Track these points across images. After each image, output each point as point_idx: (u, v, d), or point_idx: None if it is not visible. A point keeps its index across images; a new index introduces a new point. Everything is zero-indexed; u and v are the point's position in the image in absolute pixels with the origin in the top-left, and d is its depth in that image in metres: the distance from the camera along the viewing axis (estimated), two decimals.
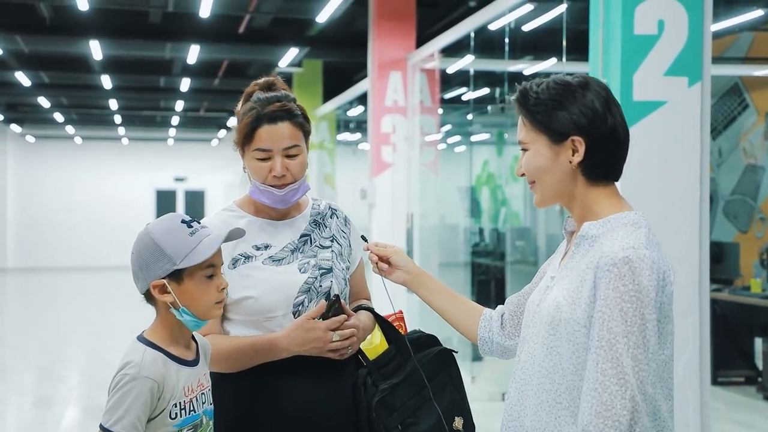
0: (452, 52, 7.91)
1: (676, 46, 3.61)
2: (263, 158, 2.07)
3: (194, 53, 10.56)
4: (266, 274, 2.07)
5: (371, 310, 2.20)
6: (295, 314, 2.06)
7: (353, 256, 2.24)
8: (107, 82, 13.37)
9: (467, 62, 8.22)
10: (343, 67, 12.36)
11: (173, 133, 21.13)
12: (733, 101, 9.39)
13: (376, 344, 2.14)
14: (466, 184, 10.58)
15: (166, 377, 1.74)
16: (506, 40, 7.26)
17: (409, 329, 2.28)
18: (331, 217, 2.23)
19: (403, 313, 2.26)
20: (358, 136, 14.59)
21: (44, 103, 15.79)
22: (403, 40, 8.11)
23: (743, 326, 7.36)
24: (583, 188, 1.68)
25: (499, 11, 6.23)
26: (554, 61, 8.72)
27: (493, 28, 7.34)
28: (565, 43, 5.36)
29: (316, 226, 2.19)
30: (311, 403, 2.03)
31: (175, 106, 16.65)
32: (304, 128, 2.11)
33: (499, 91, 9.74)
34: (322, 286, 2.10)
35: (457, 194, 10.61)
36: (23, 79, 12.86)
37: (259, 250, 2.10)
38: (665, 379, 1.57)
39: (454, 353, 2.16)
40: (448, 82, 10.05)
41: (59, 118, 18.54)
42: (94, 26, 9.61)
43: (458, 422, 2.08)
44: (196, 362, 1.86)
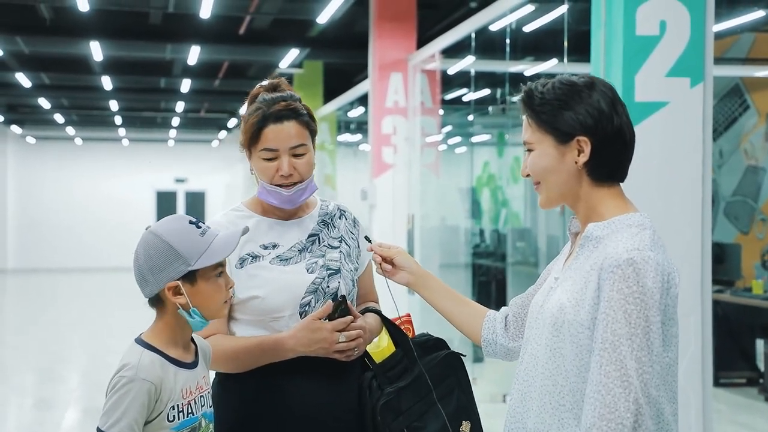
0: (453, 53, 7.90)
1: (678, 46, 3.59)
2: (270, 158, 2.05)
3: (195, 54, 10.55)
4: (273, 273, 2.06)
5: (378, 312, 2.18)
6: (301, 315, 2.05)
7: (362, 258, 2.22)
8: (108, 83, 13.37)
9: (468, 63, 8.21)
10: (343, 68, 12.36)
11: (174, 134, 21.13)
12: (733, 102, 9.38)
13: (383, 347, 2.12)
14: (466, 185, 10.59)
15: (163, 379, 1.73)
16: (507, 41, 7.25)
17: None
18: (339, 217, 2.22)
19: (410, 316, 2.24)
20: (358, 137, 14.59)
21: (45, 104, 15.78)
22: (403, 41, 8.10)
23: (745, 327, 7.34)
24: (588, 189, 1.67)
25: (500, 12, 6.21)
26: (555, 62, 8.72)
27: (494, 28, 7.34)
28: (566, 43, 5.36)
29: (324, 226, 2.18)
30: (317, 404, 2.02)
31: (175, 107, 16.64)
32: (310, 127, 2.10)
33: (500, 92, 9.74)
34: (329, 286, 2.09)
35: (457, 195, 10.60)
36: (23, 80, 12.85)
37: (266, 249, 2.09)
38: (669, 381, 1.55)
39: (462, 357, 2.15)
40: (448, 83, 10.05)
41: (60, 119, 18.53)
42: (94, 27, 9.60)
43: (465, 426, 2.06)
44: (194, 364, 1.85)
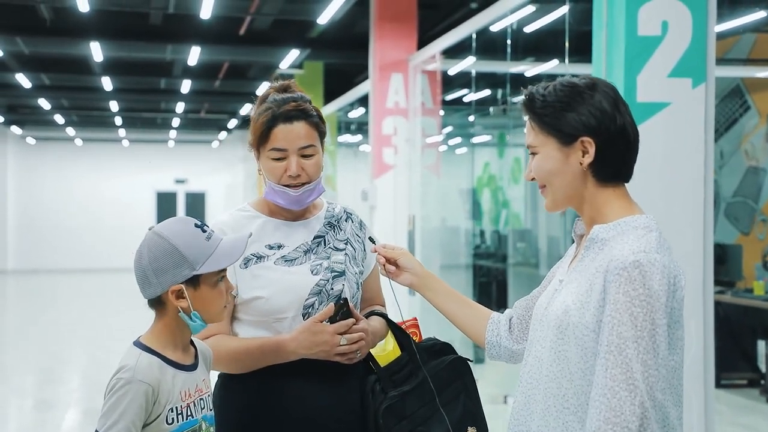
0: (454, 53, 7.90)
1: (680, 47, 3.58)
2: (279, 158, 2.05)
3: (195, 55, 10.54)
4: (278, 274, 2.05)
5: (384, 316, 2.17)
6: (305, 316, 2.04)
7: (367, 261, 2.22)
8: (108, 83, 13.36)
9: (469, 64, 8.21)
10: (344, 68, 12.35)
11: (174, 134, 21.13)
12: (734, 103, 9.37)
13: (388, 351, 2.11)
14: (467, 186, 10.58)
15: (161, 381, 1.72)
16: (508, 41, 7.24)
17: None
18: (346, 220, 2.21)
19: (417, 320, 2.23)
20: (359, 137, 14.58)
21: (45, 104, 15.78)
22: (404, 41, 8.09)
23: (746, 329, 7.32)
24: (593, 190, 1.66)
25: (500, 12, 6.20)
26: (556, 62, 8.71)
27: (494, 29, 7.33)
28: (567, 44, 5.35)
29: (330, 228, 2.17)
30: (318, 406, 2.02)
31: (175, 107, 16.64)
32: (319, 129, 2.10)
33: (500, 92, 9.74)
34: (333, 288, 2.08)
35: (458, 196, 10.59)
36: (24, 80, 12.85)
37: (272, 249, 2.09)
38: (675, 385, 1.54)
39: (469, 362, 2.13)
40: (449, 83, 10.05)
41: (60, 119, 18.53)
42: (94, 28, 9.60)
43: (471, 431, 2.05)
44: (194, 367, 1.83)
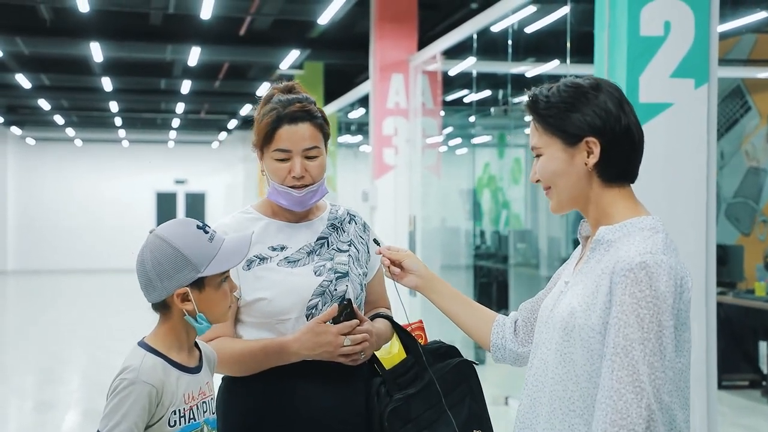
0: (454, 54, 7.89)
1: (682, 47, 3.58)
2: (283, 159, 2.04)
3: (195, 55, 10.54)
4: (281, 275, 2.04)
5: (389, 318, 2.16)
6: (308, 317, 2.04)
7: (372, 263, 2.21)
8: (108, 84, 13.36)
9: (469, 64, 8.20)
10: (344, 69, 12.35)
11: (174, 135, 21.13)
12: (735, 103, 9.37)
13: (394, 353, 2.10)
14: (467, 186, 10.57)
15: (165, 383, 1.71)
16: (509, 42, 7.23)
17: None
18: (349, 222, 2.21)
19: (423, 322, 2.22)
20: (359, 138, 14.58)
21: (44, 105, 15.77)
22: (404, 42, 8.09)
23: (747, 330, 7.31)
24: (598, 190, 1.65)
25: (501, 13, 6.20)
26: (557, 63, 8.70)
27: (495, 29, 7.32)
28: (569, 44, 5.34)
29: (333, 230, 2.17)
30: (323, 407, 2.01)
31: (175, 108, 16.63)
32: (323, 130, 2.10)
33: (501, 93, 9.72)
34: (336, 290, 2.07)
35: (458, 197, 10.58)
36: (23, 81, 12.84)
37: (274, 251, 2.08)
38: (682, 387, 1.53)
39: (474, 365, 2.13)
40: (450, 84, 10.05)
41: (59, 120, 18.53)
42: (94, 28, 9.59)
43: None
44: (198, 369, 1.82)
